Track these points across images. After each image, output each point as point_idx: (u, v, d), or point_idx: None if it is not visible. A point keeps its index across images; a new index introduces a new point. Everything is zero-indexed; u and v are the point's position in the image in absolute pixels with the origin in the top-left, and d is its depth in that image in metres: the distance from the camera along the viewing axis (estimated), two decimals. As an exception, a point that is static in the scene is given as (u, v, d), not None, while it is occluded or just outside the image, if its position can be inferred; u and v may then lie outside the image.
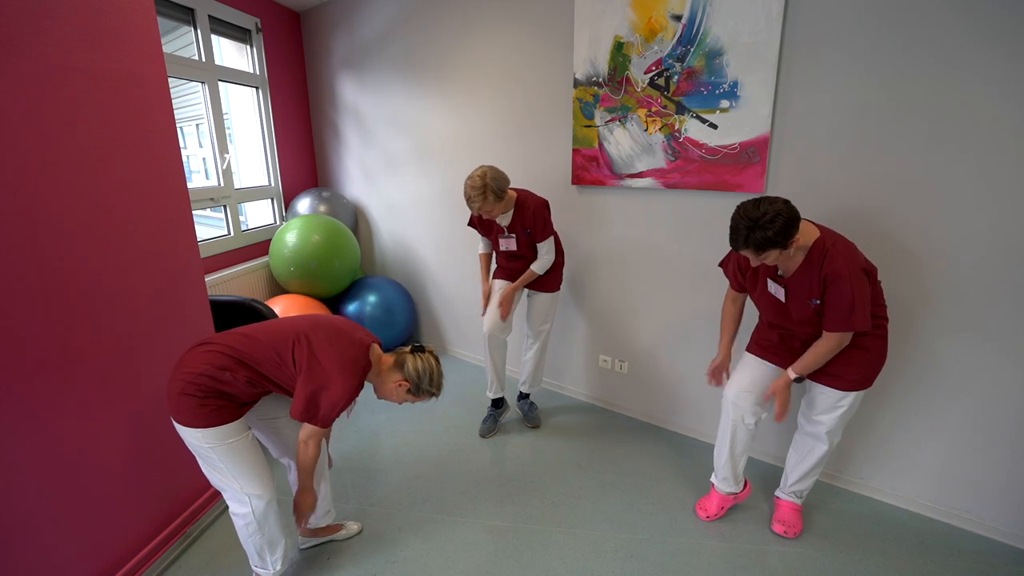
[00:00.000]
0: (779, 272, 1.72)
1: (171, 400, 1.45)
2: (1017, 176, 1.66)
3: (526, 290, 2.57)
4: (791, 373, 1.73)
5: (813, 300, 1.62)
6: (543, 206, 2.35)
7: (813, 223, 1.65)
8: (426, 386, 1.65)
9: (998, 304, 1.77)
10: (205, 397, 1.43)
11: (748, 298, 1.97)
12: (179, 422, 1.45)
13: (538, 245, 2.39)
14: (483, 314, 2.59)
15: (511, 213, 2.35)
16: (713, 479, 2.06)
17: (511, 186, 2.35)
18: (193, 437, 1.46)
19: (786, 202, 1.51)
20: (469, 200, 2.16)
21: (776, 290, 1.73)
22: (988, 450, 1.89)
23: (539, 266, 2.41)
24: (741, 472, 2.01)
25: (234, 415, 1.49)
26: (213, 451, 1.47)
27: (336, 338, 1.54)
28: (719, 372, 2.03)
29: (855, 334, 1.64)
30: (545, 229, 2.35)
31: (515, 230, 2.39)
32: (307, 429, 1.53)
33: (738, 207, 1.56)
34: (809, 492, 1.99)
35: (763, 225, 1.46)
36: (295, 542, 1.92)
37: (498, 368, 2.62)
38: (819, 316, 1.65)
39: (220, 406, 1.45)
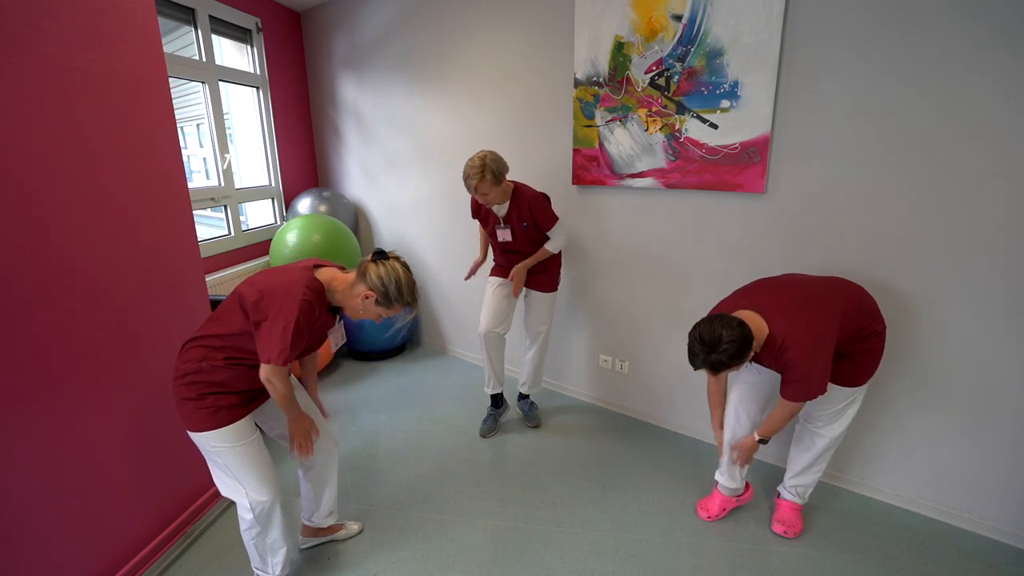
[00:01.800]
0: None
1: (177, 410, 1.47)
2: (1019, 176, 1.66)
3: (524, 290, 2.57)
4: (756, 436, 1.82)
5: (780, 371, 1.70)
6: (541, 197, 2.35)
7: (765, 305, 1.66)
8: (395, 293, 1.48)
9: (999, 304, 1.77)
10: (200, 396, 1.43)
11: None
12: (188, 428, 1.47)
13: (548, 233, 2.40)
14: (466, 278, 2.69)
15: (507, 204, 2.35)
16: (717, 476, 2.06)
17: (511, 179, 2.36)
18: (201, 441, 1.47)
19: (740, 324, 1.55)
20: (466, 178, 2.18)
21: (749, 367, 1.84)
22: (988, 450, 1.89)
23: (553, 246, 2.42)
24: (745, 470, 2.01)
25: (237, 414, 1.48)
26: (220, 455, 1.48)
27: (271, 275, 1.47)
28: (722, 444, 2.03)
29: (861, 339, 1.70)
30: (549, 218, 2.35)
31: (510, 221, 2.39)
32: (264, 369, 1.40)
33: (694, 328, 1.62)
34: (811, 492, 1.99)
35: (717, 351, 1.54)
36: (295, 543, 1.92)
37: (495, 366, 2.62)
38: None
39: (218, 405, 1.45)
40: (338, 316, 1.64)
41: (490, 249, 2.66)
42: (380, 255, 1.52)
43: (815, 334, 1.59)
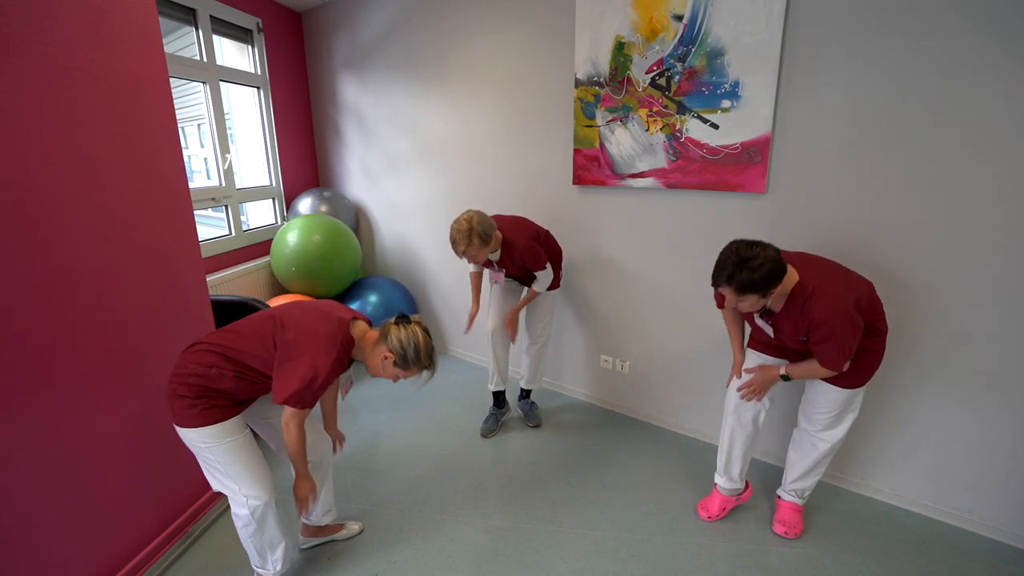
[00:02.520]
0: (763, 310, 1.71)
1: (168, 404, 1.49)
2: (1020, 177, 1.66)
3: (526, 288, 2.57)
4: (783, 370, 1.75)
5: (800, 337, 1.63)
6: (532, 242, 2.29)
7: (794, 261, 1.62)
8: (412, 357, 1.53)
9: (999, 305, 1.77)
10: (196, 397, 1.45)
11: None
12: (176, 424, 1.48)
13: (535, 274, 2.40)
14: (466, 331, 2.65)
15: (499, 251, 2.33)
16: (716, 478, 2.06)
17: (498, 212, 2.36)
18: (190, 438, 1.48)
19: (777, 251, 1.51)
20: (453, 243, 2.14)
21: (764, 325, 1.75)
22: (988, 450, 1.89)
23: (539, 286, 2.42)
24: (744, 472, 2.01)
25: (228, 414, 1.49)
26: (210, 451, 1.48)
27: (311, 317, 1.51)
28: (739, 368, 2.00)
29: (865, 336, 1.65)
30: (538, 262, 2.32)
31: (505, 264, 2.39)
32: (287, 411, 1.47)
33: (730, 243, 1.55)
34: (811, 492, 1.99)
35: (751, 267, 1.45)
36: (295, 542, 1.92)
37: (500, 363, 2.63)
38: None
39: (212, 404, 1.46)
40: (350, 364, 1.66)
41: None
42: (403, 319, 1.57)
43: (843, 294, 1.54)
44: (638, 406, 2.83)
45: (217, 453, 1.49)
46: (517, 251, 2.28)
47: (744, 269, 1.45)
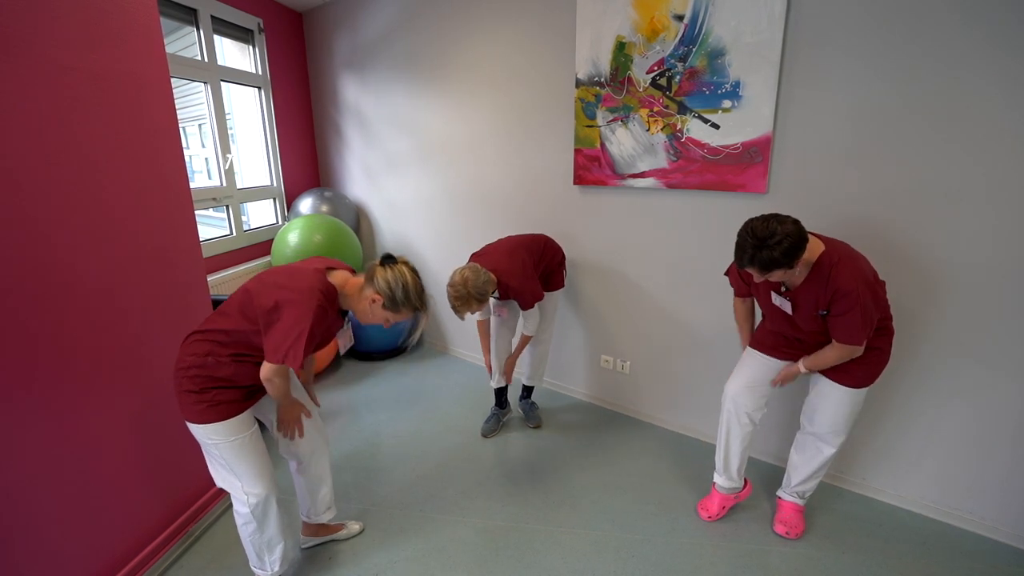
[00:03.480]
0: (783, 287, 1.69)
1: (177, 401, 1.48)
2: (1019, 178, 1.65)
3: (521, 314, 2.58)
4: (802, 366, 1.74)
5: (820, 311, 1.61)
6: (527, 282, 2.28)
7: (816, 235, 1.62)
8: (401, 297, 1.47)
9: (1001, 307, 1.77)
10: (201, 390, 1.44)
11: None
12: (186, 419, 1.48)
13: (523, 313, 2.39)
14: (492, 374, 2.63)
15: (496, 291, 2.33)
16: (715, 477, 2.06)
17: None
18: (198, 433, 1.48)
19: (795, 222, 1.48)
20: (454, 309, 2.14)
21: (782, 303, 1.72)
22: (989, 451, 1.89)
23: (528, 329, 2.42)
24: (742, 469, 2.01)
25: (236, 409, 1.49)
26: (217, 447, 1.48)
27: (285, 277, 1.46)
28: None
29: (873, 333, 1.64)
30: (525, 304, 2.32)
31: (503, 298, 2.39)
32: (268, 368, 1.40)
33: (746, 223, 1.53)
34: (812, 493, 1.98)
35: (769, 246, 1.44)
36: (295, 543, 1.93)
37: (502, 360, 2.63)
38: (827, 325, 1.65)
39: (220, 399, 1.45)
40: (347, 318, 1.63)
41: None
42: (388, 259, 1.52)
43: (866, 273, 1.54)
44: (639, 406, 2.83)
45: (222, 449, 1.49)
46: (512, 291, 2.28)
47: (763, 248, 1.45)
